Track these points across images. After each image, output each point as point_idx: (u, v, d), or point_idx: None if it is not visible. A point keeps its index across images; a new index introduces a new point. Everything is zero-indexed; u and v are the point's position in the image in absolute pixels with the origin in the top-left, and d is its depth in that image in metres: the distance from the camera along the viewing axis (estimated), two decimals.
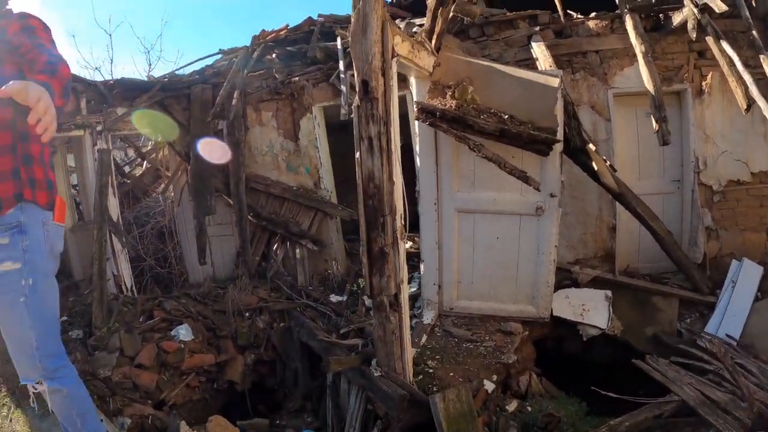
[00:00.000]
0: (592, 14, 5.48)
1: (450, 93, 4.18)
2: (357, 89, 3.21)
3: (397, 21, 5.69)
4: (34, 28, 2.12)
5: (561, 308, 4.81)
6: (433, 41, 4.27)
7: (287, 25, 6.36)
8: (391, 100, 3.26)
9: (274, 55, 5.96)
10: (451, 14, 4.33)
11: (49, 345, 2.13)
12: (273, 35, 6.24)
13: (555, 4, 5.46)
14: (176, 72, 6.57)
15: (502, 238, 4.48)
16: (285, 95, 5.89)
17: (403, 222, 3.43)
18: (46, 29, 2.18)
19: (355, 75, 3.22)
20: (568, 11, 5.51)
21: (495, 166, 4.12)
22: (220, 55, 6.72)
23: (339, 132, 6.53)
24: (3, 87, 1.55)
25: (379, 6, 3.27)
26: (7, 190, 2.00)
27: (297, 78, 5.80)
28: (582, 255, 5.39)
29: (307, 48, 5.69)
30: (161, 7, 27.22)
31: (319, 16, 6.29)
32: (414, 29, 4.71)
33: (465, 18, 4.82)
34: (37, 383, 2.13)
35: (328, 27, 5.98)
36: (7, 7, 2.27)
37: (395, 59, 3.34)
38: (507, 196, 4.41)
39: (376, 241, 3.29)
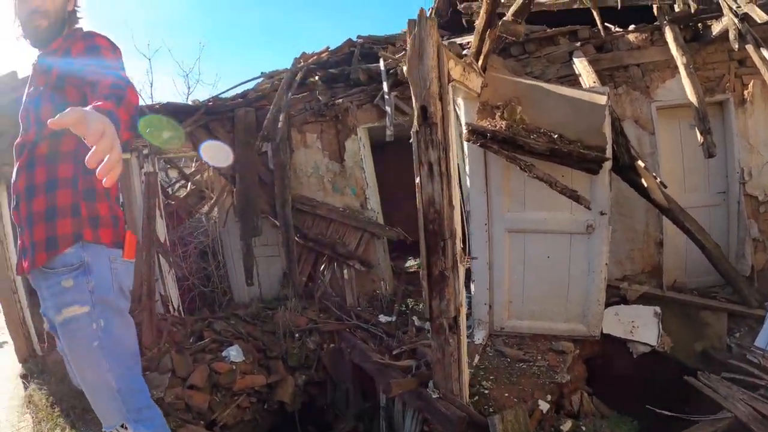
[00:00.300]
0: (631, 27, 5.45)
1: (499, 114, 4.19)
2: (415, 115, 3.24)
3: None
4: (99, 47, 1.94)
5: (611, 326, 4.77)
6: (480, 61, 4.29)
7: (328, 48, 6.42)
8: (449, 125, 3.28)
9: (316, 78, 6.03)
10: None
11: (131, 384, 1.99)
12: (315, 58, 6.29)
13: (593, 17, 5.44)
14: (220, 96, 6.65)
15: (553, 257, 4.46)
16: (329, 117, 5.94)
17: (462, 245, 3.44)
18: (114, 49, 1.99)
19: (413, 101, 3.26)
20: (606, 24, 5.49)
21: (544, 185, 4.11)
22: (261, 78, 6.80)
23: (377, 151, 6.55)
24: (58, 116, 1.23)
25: (435, 31, 3.31)
26: (64, 227, 1.83)
27: (341, 100, 5.85)
28: (630, 271, 5.34)
29: (350, 70, 5.75)
30: (198, 31, 27.96)
31: (359, 37, 6.34)
32: (464, 52, 4.71)
33: (507, 37, 4.82)
34: (122, 427, 1.96)
35: (368, 48, 6.02)
36: (77, 26, 2.13)
37: (451, 84, 3.37)
38: (557, 215, 4.39)
39: (437, 265, 3.31)
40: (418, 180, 3.25)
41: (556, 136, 4.18)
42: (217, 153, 5.95)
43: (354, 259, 5.79)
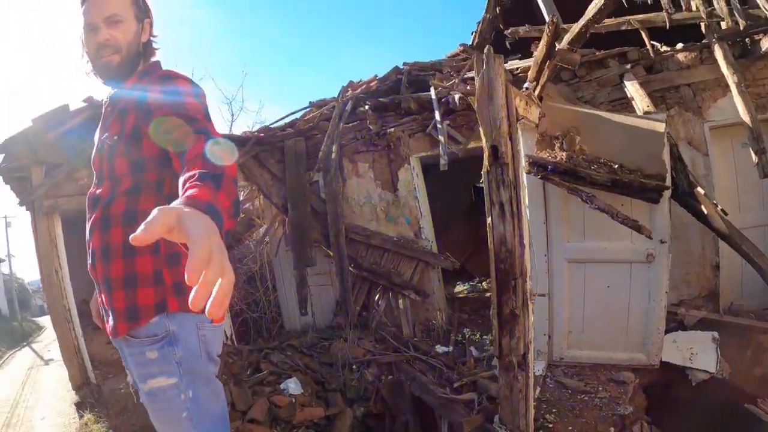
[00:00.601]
0: (679, 45, 5.39)
1: (558, 144, 4.16)
2: (486, 155, 3.23)
3: None
4: (181, 93, 1.62)
5: (669, 353, 4.68)
6: (537, 91, 4.27)
7: (375, 76, 6.41)
8: (519, 164, 3.27)
9: (366, 107, 6.04)
10: None
11: None
12: (363, 86, 6.28)
13: (642, 37, 5.39)
14: (270, 126, 6.69)
15: (613, 286, 4.40)
16: (381, 146, 5.93)
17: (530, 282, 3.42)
18: (198, 95, 1.66)
19: (483, 140, 3.25)
20: (653, 42, 5.43)
21: (604, 214, 4.08)
22: (309, 108, 6.82)
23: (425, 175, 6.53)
24: (143, 226, 0.88)
25: (502, 70, 3.30)
26: (146, 297, 1.60)
27: (392, 129, 5.85)
28: (686, 295, 5.24)
29: (400, 98, 5.74)
30: (240, 60, 28.59)
31: (405, 64, 6.33)
32: (527, 86, 4.67)
33: (563, 66, 4.79)
34: None
35: (415, 75, 6.01)
36: (153, 59, 1.85)
37: (520, 122, 3.36)
38: (617, 245, 4.34)
39: (507, 304, 3.29)
40: (489, 220, 3.24)
41: (616, 166, 4.14)
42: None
43: (409, 289, 5.75)
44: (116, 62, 1.72)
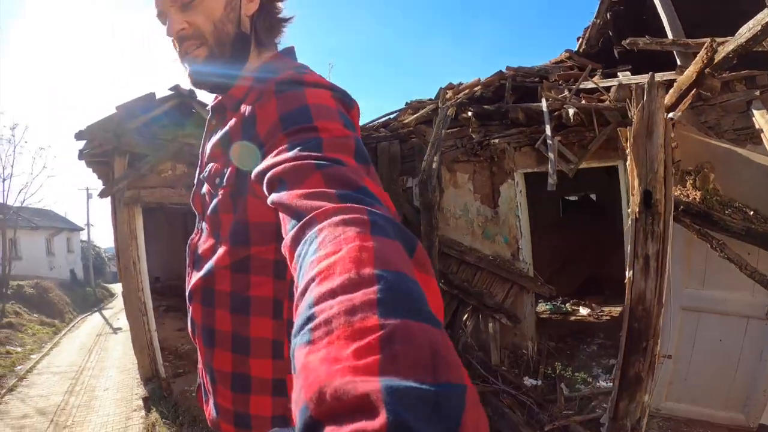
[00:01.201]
0: None
1: (690, 180, 3.73)
2: (636, 200, 2.86)
3: (596, 77, 5.20)
4: (311, 116, 0.87)
5: (767, 414, 4.32)
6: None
7: (479, 80, 5.95)
8: (671, 214, 2.89)
9: (469, 114, 5.61)
10: None
11: None
12: (466, 91, 5.80)
13: None
14: (363, 126, 6.34)
15: (725, 340, 4.02)
16: (483, 157, 5.54)
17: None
18: (346, 117, 0.92)
19: (635, 182, 2.88)
20: None
21: (727, 262, 3.68)
22: (402, 109, 6.42)
23: None
24: None
25: (663, 103, 2.89)
26: (261, 407, 1.14)
27: (497, 140, 5.43)
28: None
29: (507, 108, 5.34)
30: (326, 54, 28.08)
31: (507, 68, 5.86)
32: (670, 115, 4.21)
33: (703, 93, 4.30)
34: None
35: (519, 81, 5.53)
36: (276, 43, 1.17)
37: (676, 164, 2.96)
38: (736, 296, 3.94)
39: (634, 366, 2.99)
40: (630, 274, 2.89)
41: (751, 212, 3.71)
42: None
43: (501, 313, 5.38)
44: (203, 58, 1.08)
